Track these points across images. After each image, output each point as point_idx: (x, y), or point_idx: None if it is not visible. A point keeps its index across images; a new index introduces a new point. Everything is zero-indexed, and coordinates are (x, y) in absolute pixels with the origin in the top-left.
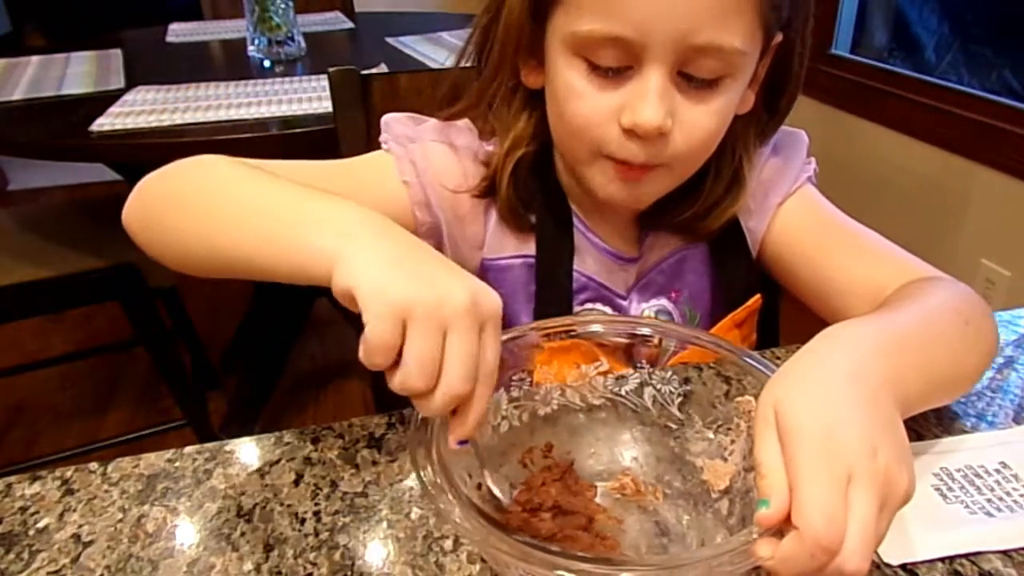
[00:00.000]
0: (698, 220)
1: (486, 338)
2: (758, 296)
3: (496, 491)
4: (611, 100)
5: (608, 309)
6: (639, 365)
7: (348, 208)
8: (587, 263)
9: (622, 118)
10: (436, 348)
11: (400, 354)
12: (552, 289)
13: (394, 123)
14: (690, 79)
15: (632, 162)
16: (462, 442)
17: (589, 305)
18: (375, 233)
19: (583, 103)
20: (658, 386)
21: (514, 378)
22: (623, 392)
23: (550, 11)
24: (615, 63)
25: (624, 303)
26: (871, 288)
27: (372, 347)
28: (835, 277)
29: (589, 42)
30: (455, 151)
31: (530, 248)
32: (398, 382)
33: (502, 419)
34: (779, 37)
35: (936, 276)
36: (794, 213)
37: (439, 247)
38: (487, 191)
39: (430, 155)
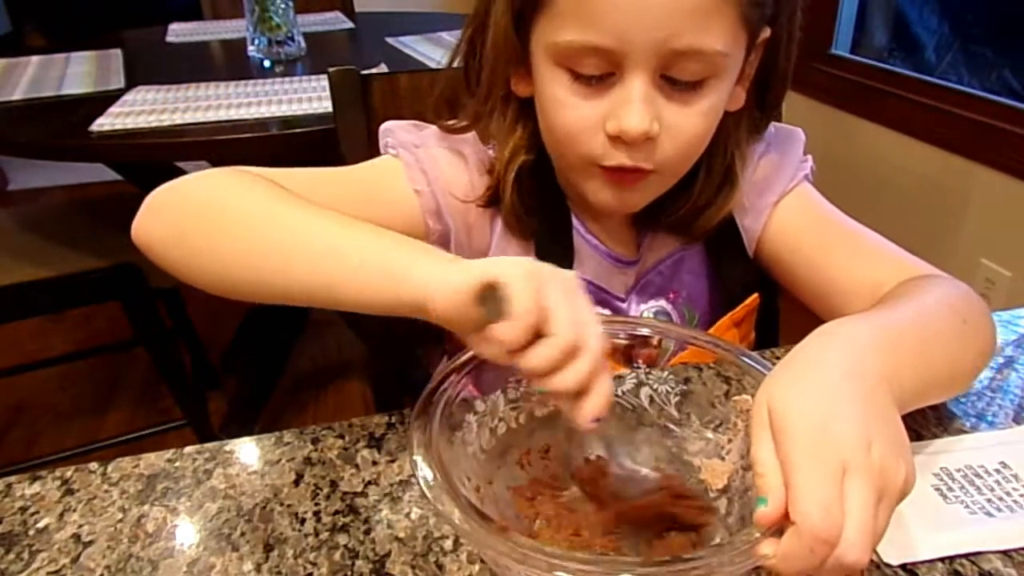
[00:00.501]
0: (693, 219)
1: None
2: (756, 295)
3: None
4: (596, 108)
5: (607, 311)
6: (636, 366)
7: (402, 238)
8: (586, 266)
9: (607, 126)
10: (573, 310)
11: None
12: None
13: (398, 130)
14: (674, 82)
15: (623, 166)
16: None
17: None
18: (454, 261)
19: (569, 112)
20: (655, 386)
21: (511, 380)
22: (620, 392)
23: (532, 22)
24: (597, 71)
25: (623, 305)
26: (870, 287)
27: (523, 309)
28: (834, 276)
29: (570, 52)
30: (462, 159)
31: (531, 253)
32: (553, 344)
33: (499, 421)
34: (767, 32)
35: (934, 274)
36: (791, 212)
37: (446, 243)
38: (491, 200)
39: (439, 162)
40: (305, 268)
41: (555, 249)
